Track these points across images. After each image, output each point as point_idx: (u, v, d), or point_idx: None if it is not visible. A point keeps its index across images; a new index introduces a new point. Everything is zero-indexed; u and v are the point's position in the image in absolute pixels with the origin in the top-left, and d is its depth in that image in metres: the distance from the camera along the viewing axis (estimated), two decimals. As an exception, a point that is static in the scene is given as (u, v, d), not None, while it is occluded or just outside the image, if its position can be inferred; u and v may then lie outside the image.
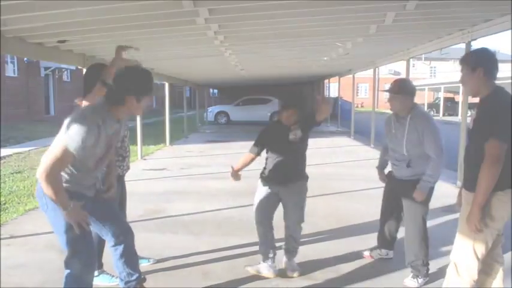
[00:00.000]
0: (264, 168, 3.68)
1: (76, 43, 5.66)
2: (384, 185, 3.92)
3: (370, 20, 5.51)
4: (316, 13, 4.94)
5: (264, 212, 3.62)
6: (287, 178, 3.55)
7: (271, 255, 3.63)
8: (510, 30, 5.36)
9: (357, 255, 4.07)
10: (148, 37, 5.71)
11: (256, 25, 5.47)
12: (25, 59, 19.92)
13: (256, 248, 3.78)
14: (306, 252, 3.97)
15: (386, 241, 3.93)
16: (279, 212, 3.69)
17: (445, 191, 5.89)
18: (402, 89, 3.52)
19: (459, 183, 6.82)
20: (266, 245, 3.64)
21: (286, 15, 4.94)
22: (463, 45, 6.52)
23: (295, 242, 3.68)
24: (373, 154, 10.79)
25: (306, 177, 3.69)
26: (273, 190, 3.59)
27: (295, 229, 3.65)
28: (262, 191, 3.64)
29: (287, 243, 3.69)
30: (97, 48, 6.36)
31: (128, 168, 3.61)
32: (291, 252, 3.68)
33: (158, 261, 3.92)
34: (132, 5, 4.03)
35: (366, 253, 4.06)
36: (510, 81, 22.66)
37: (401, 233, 3.77)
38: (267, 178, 3.63)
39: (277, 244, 3.71)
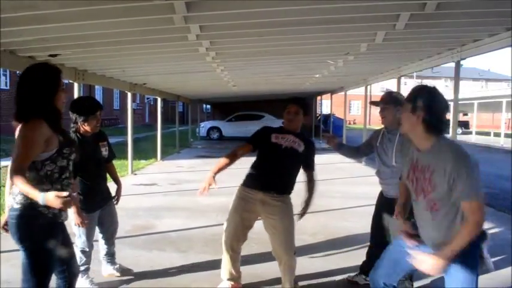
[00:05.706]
0: None
1: (68, 57, 5.65)
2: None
3: (361, 38, 5.57)
4: (307, 31, 4.98)
5: None
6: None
7: None
8: (498, 50, 5.45)
9: (342, 271, 4.07)
10: (141, 52, 5.72)
11: (247, 42, 5.50)
12: (17, 72, 19.75)
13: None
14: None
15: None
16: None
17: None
18: (393, 100, 3.37)
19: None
20: None
21: (277, 33, 4.98)
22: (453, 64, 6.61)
23: None
24: (365, 171, 10.83)
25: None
26: None
27: None
28: None
29: None
30: (89, 62, 6.37)
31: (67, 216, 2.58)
32: None
33: (142, 278, 3.86)
34: (124, 21, 4.03)
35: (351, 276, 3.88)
36: (510, 99, 22.98)
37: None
38: None
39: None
